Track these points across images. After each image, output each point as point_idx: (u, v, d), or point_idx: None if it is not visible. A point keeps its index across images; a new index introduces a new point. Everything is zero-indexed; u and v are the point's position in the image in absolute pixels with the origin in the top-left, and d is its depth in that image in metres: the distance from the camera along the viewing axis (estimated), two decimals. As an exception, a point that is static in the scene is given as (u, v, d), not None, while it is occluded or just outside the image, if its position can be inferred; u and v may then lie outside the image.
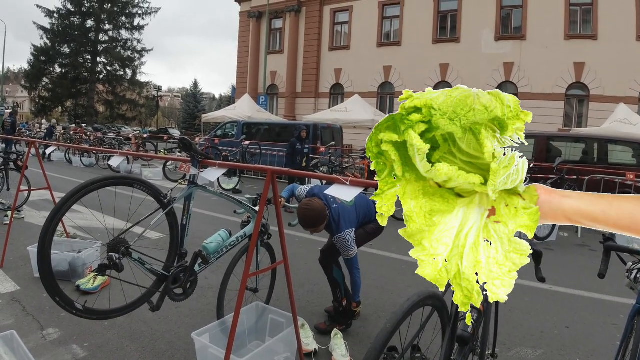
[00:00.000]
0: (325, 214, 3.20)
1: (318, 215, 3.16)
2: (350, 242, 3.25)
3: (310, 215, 3.15)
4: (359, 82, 24.13)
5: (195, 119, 43.83)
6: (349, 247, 3.24)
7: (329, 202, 3.30)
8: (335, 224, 3.26)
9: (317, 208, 3.17)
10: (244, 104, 20.38)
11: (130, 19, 38.84)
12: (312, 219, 3.15)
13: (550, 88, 19.02)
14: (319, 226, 3.21)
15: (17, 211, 6.07)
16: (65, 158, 15.91)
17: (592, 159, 9.48)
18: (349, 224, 3.29)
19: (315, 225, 3.19)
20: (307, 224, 3.19)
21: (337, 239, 3.26)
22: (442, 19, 22.08)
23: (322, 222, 3.19)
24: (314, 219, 3.16)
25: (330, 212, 3.26)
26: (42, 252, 2.20)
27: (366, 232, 3.58)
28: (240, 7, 29.68)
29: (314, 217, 3.15)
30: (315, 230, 3.26)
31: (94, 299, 3.55)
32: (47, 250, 2.21)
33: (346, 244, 3.24)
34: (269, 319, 3.09)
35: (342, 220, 3.26)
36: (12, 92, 70.63)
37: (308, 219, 3.16)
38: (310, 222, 3.17)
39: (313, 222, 3.17)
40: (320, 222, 3.18)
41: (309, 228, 3.23)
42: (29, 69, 37.99)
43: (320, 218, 3.17)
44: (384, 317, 3.71)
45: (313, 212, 3.15)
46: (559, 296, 4.49)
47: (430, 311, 1.71)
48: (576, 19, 18.74)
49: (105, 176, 2.50)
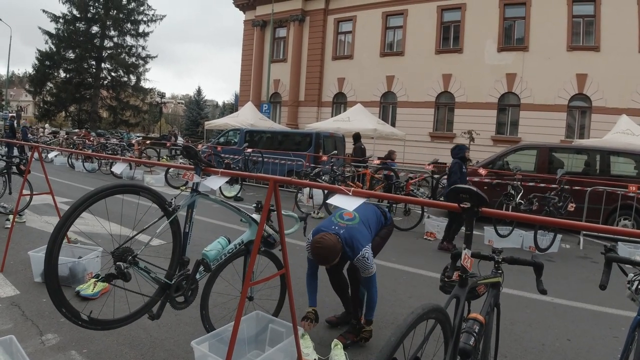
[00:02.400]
0: (339, 247, 3.12)
1: (332, 250, 3.08)
2: (370, 260, 3.18)
3: (324, 253, 3.09)
4: (362, 92, 24.22)
5: (198, 126, 43.95)
6: (369, 265, 3.17)
7: (336, 232, 3.22)
8: (350, 248, 3.18)
9: (330, 243, 3.08)
10: (247, 112, 20.45)
11: (135, 26, 39.11)
12: (326, 256, 3.10)
13: (553, 99, 19.07)
14: (335, 260, 3.16)
15: (18, 215, 6.07)
16: (68, 163, 15.96)
17: (594, 170, 9.46)
18: (364, 242, 3.22)
19: (330, 261, 3.14)
20: (322, 260, 3.15)
21: (357, 261, 3.17)
22: (445, 30, 22.21)
23: (337, 255, 3.13)
24: (328, 256, 3.10)
25: (341, 241, 3.18)
26: (50, 263, 2.19)
27: (381, 238, 3.57)
28: (244, 16, 29.87)
29: (327, 254, 3.09)
30: (333, 264, 3.23)
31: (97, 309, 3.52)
32: (55, 261, 2.20)
33: (366, 263, 3.16)
34: (269, 328, 3.07)
35: (355, 242, 3.18)
36: (16, 96, 71.00)
37: (322, 256, 3.11)
38: (325, 259, 3.12)
39: (328, 259, 3.11)
40: (334, 256, 3.11)
41: (325, 264, 3.20)
42: (34, 73, 38.17)
43: (335, 252, 3.10)
44: (385, 327, 3.69)
45: (326, 248, 3.07)
46: (560, 308, 4.46)
47: (433, 324, 1.71)
48: (579, 31, 18.84)
49: (113, 184, 2.49)
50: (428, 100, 22.29)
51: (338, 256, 3.14)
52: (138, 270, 2.47)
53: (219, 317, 3.30)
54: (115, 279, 2.38)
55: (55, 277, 2.23)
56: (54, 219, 6.28)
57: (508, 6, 20.27)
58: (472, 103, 20.97)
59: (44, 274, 2.21)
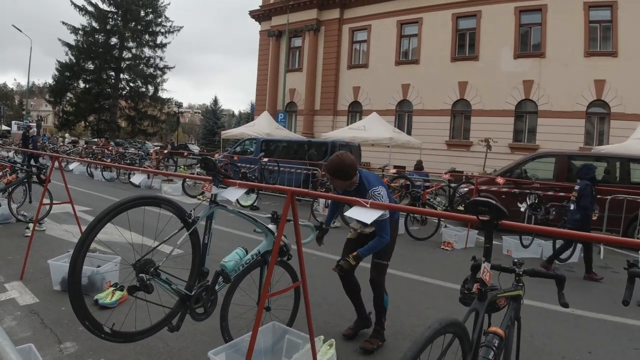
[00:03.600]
0: (355, 167, 3.24)
1: (347, 164, 3.21)
2: (385, 197, 3.25)
3: (339, 163, 3.22)
4: (377, 100, 24.21)
5: (215, 135, 44.35)
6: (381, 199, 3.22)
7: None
8: (367, 181, 3.31)
9: (348, 158, 3.23)
10: (262, 121, 20.57)
11: (153, 37, 39.79)
12: (341, 166, 3.22)
13: (571, 106, 18.81)
14: (344, 179, 3.25)
15: (38, 224, 6.17)
16: (87, 172, 16.23)
17: (614, 178, 9.30)
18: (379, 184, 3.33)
19: (341, 174, 3.23)
20: (334, 169, 3.25)
21: (371, 192, 3.22)
22: (461, 37, 22.14)
23: (349, 172, 3.23)
24: (342, 167, 3.22)
25: (359, 172, 3.32)
26: (73, 276, 2.22)
27: (394, 221, 3.58)
28: (260, 26, 30.17)
29: (342, 165, 3.21)
30: (337, 184, 3.31)
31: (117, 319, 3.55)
32: (78, 274, 2.24)
33: (380, 199, 3.21)
34: (285, 339, 3.06)
35: (370, 179, 3.33)
36: (36, 106, 72.65)
37: (336, 165, 3.23)
38: (338, 168, 3.23)
39: (341, 169, 3.22)
40: (347, 170, 3.22)
41: (334, 176, 3.28)
42: (54, 84, 38.99)
43: (348, 167, 3.21)
44: (403, 339, 3.65)
45: (343, 160, 3.21)
46: (580, 320, 4.37)
47: (451, 338, 1.68)
48: (596, 36, 18.61)
49: (135, 197, 2.53)
50: (444, 108, 22.17)
51: (349, 179, 3.25)
52: (159, 281, 2.49)
53: (236, 328, 3.30)
54: (138, 291, 2.40)
55: (79, 290, 2.26)
56: (73, 227, 6.37)
57: (524, 12, 20.12)
58: (488, 110, 20.79)
59: (67, 287, 2.23)
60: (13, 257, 5.19)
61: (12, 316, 3.58)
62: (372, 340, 3.42)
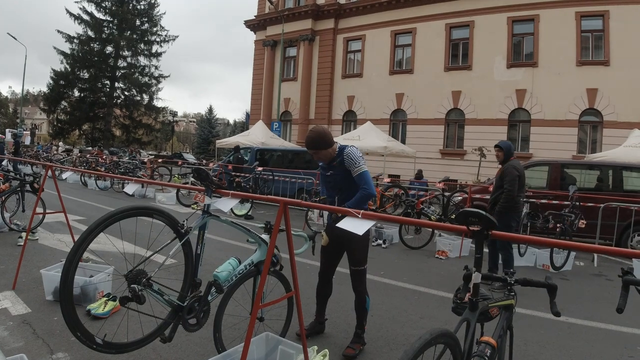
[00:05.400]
0: (330, 135, 3.38)
1: (325, 133, 3.36)
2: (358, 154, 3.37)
3: (314, 136, 3.34)
4: (372, 109, 24.34)
5: (210, 144, 44.34)
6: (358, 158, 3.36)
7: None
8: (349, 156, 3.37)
9: (322, 128, 3.41)
10: (257, 130, 20.58)
11: (149, 46, 39.83)
12: (315, 139, 3.33)
13: (564, 114, 18.99)
14: (326, 147, 3.36)
15: (31, 233, 6.14)
16: (81, 181, 16.15)
17: (607, 186, 9.37)
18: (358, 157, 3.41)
19: (322, 145, 3.34)
20: (315, 143, 3.35)
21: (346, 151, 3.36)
22: (454, 47, 22.34)
23: (329, 142, 3.35)
24: (317, 140, 3.33)
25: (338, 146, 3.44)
26: (65, 286, 2.22)
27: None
28: (255, 36, 30.31)
29: (317, 138, 3.33)
30: (322, 154, 3.40)
31: (109, 330, 3.53)
32: (70, 284, 2.24)
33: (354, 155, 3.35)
34: (278, 349, 3.05)
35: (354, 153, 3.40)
36: (30, 114, 72.42)
37: (311, 139, 3.34)
38: (313, 141, 3.34)
39: (321, 141, 3.33)
40: (326, 141, 3.34)
41: (317, 148, 3.36)
42: (48, 92, 38.90)
43: (327, 136, 3.35)
44: (396, 349, 3.64)
45: (319, 132, 3.35)
46: (574, 328, 4.38)
47: (442, 349, 1.69)
48: (588, 45, 18.86)
49: (128, 207, 2.54)
50: (438, 117, 22.31)
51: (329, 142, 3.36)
52: (151, 292, 2.49)
53: (229, 338, 3.28)
54: (130, 302, 2.40)
55: (71, 301, 2.26)
56: (66, 237, 6.34)
57: (516, 22, 20.36)
58: (482, 119, 20.94)
59: (59, 297, 2.22)
60: (5, 266, 5.15)
61: (4, 326, 3.55)
62: (353, 345, 3.45)
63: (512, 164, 5.94)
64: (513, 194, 5.75)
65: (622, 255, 7.65)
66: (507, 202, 5.77)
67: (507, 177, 5.82)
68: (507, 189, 5.77)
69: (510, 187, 5.74)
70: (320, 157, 3.45)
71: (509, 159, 6.01)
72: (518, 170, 5.84)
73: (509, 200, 5.76)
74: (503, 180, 5.88)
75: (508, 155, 6.04)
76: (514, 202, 5.80)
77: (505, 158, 6.03)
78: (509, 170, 5.85)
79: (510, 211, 5.83)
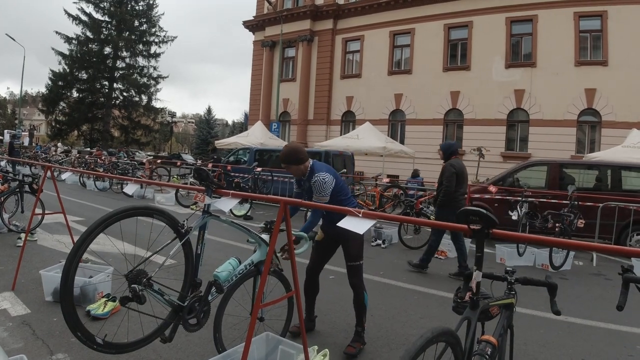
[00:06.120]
0: (305, 153, 3.48)
1: (299, 150, 3.46)
2: (329, 183, 3.40)
3: (288, 151, 3.47)
4: (370, 110, 24.34)
5: (208, 145, 44.33)
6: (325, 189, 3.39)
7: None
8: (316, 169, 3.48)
9: (297, 146, 3.55)
10: (256, 131, 20.60)
11: (147, 47, 39.76)
12: (289, 153, 3.44)
13: (562, 114, 19.01)
14: (297, 163, 3.43)
15: (30, 234, 6.13)
16: (80, 181, 16.13)
17: (605, 185, 9.38)
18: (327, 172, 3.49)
19: (290, 160, 3.43)
20: (283, 156, 3.46)
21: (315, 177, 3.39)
22: (453, 47, 22.35)
23: (302, 159, 3.43)
24: (290, 155, 3.43)
25: (314, 162, 3.54)
26: (65, 286, 2.22)
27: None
28: (254, 37, 30.30)
29: (290, 152, 3.45)
30: (293, 169, 3.48)
31: (109, 330, 3.53)
32: (70, 284, 2.24)
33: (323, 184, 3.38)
34: (278, 349, 3.05)
35: (320, 167, 3.51)
36: (29, 115, 72.35)
37: (285, 153, 3.46)
38: (286, 156, 3.45)
39: (288, 157, 3.43)
40: (299, 158, 3.42)
41: (289, 163, 3.45)
42: (47, 93, 38.85)
43: (300, 153, 3.44)
44: (396, 349, 3.65)
45: (293, 149, 3.49)
46: (574, 327, 4.39)
47: (444, 347, 1.69)
48: (586, 45, 18.89)
49: (128, 207, 2.54)
50: (437, 118, 22.32)
51: (301, 159, 3.44)
52: (152, 292, 2.48)
53: (230, 339, 3.28)
54: (130, 302, 2.40)
55: (71, 301, 2.26)
56: (65, 237, 6.33)
57: (515, 23, 20.38)
58: (481, 120, 20.96)
59: (59, 297, 2.22)
60: (5, 267, 5.15)
61: (3, 327, 3.55)
62: (354, 344, 3.48)
63: (451, 162, 6.41)
64: (450, 189, 6.22)
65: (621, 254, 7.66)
66: (445, 197, 6.26)
67: (444, 175, 6.33)
68: (444, 185, 6.27)
69: (448, 183, 6.24)
70: (291, 171, 3.53)
71: (450, 158, 6.47)
72: (455, 168, 6.30)
73: (447, 195, 6.24)
74: (442, 178, 6.39)
75: (447, 154, 6.52)
76: (451, 197, 6.25)
77: (446, 157, 6.53)
78: (447, 168, 6.35)
79: (449, 205, 6.24)
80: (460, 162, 6.59)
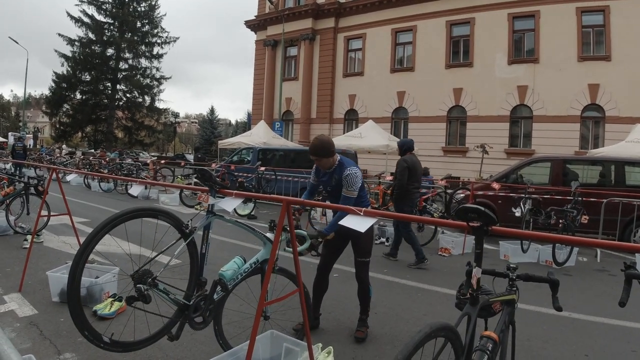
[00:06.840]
0: (333, 145, 3.57)
1: (329, 143, 3.53)
2: (359, 177, 3.50)
3: (319, 144, 3.51)
4: (373, 108, 24.33)
5: (212, 145, 44.39)
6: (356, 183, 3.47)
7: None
8: (345, 162, 3.60)
9: (327, 138, 3.60)
10: (259, 130, 20.62)
11: (150, 48, 39.90)
12: (319, 146, 3.50)
13: (565, 110, 18.96)
14: (328, 155, 3.53)
15: (36, 235, 6.18)
16: (84, 183, 16.21)
17: (609, 181, 9.35)
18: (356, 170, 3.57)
19: (319, 152, 3.51)
20: (313, 149, 3.54)
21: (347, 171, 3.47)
22: (455, 44, 22.32)
23: (332, 151, 3.53)
24: (322, 147, 3.50)
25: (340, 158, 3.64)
26: (72, 286, 2.26)
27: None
28: (256, 36, 30.33)
29: (321, 145, 3.50)
30: (323, 162, 3.56)
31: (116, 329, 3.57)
32: (77, 284, 2.27)
33: (355, 179, 3.46)
34: (283, 347, 3.08)
35: (349, 162, 3.61)
36: (33, 117, 72.65)
37: (315, 146, 3.52)
38: (317, 149, 3.51)
39: (318, 150, 3.51)
40: (329, 150, 3.51)
41: (319, 156, 3.53)
42: (50, 95, 39.04)
43: (327, 148, 3.50)
44: (399, 346, 3.66)
45: (324, 141, 3.53)
46: (577, 323, 4.40)
47: (443, 342, 1.71)
48: (589, 41, 18.82)
49: (133, 208, 2.57)
50: (440, 115, 22.30)
51: (332, 152, 3.54)
52: (157, 291, 2.52)
53: (234, 336, 3.31)
54: (136, 301, 2.43)
55: (78, 301, 2.29)
56: (71, 239, 6.38)
57: (517, 19, 20.33)
58: (484, 116, 20.92)
59: (67, 298, 2.26)
60: (11, 269, 5.20)
61: (11, 328, 3.59)
62: (361, 329, 3.75)
63: (404, 157, 6.83)
64: (403, 182, 6.63)
65: (625, 250, 7.65)
66: (399, 190, 6.71)
67: (397, 169, 6.77)
68: (397, 179, 6.73)
69: (400, 177, 6.66)
70: (320, 164, 3.61)
71: (405, 154, 6.90)
72: (407, 163, 6.70)
73: (400, 188, 6.68)
74: (396, 172, 6.84)
75: (403, 150, 6.98)
76: (404, 190, 6.67)
77: (401, 153, 6.99)
78: (400, 163, 6.78)
79: (403, 198, 6.73)
80: (414, 157, 6.92)
